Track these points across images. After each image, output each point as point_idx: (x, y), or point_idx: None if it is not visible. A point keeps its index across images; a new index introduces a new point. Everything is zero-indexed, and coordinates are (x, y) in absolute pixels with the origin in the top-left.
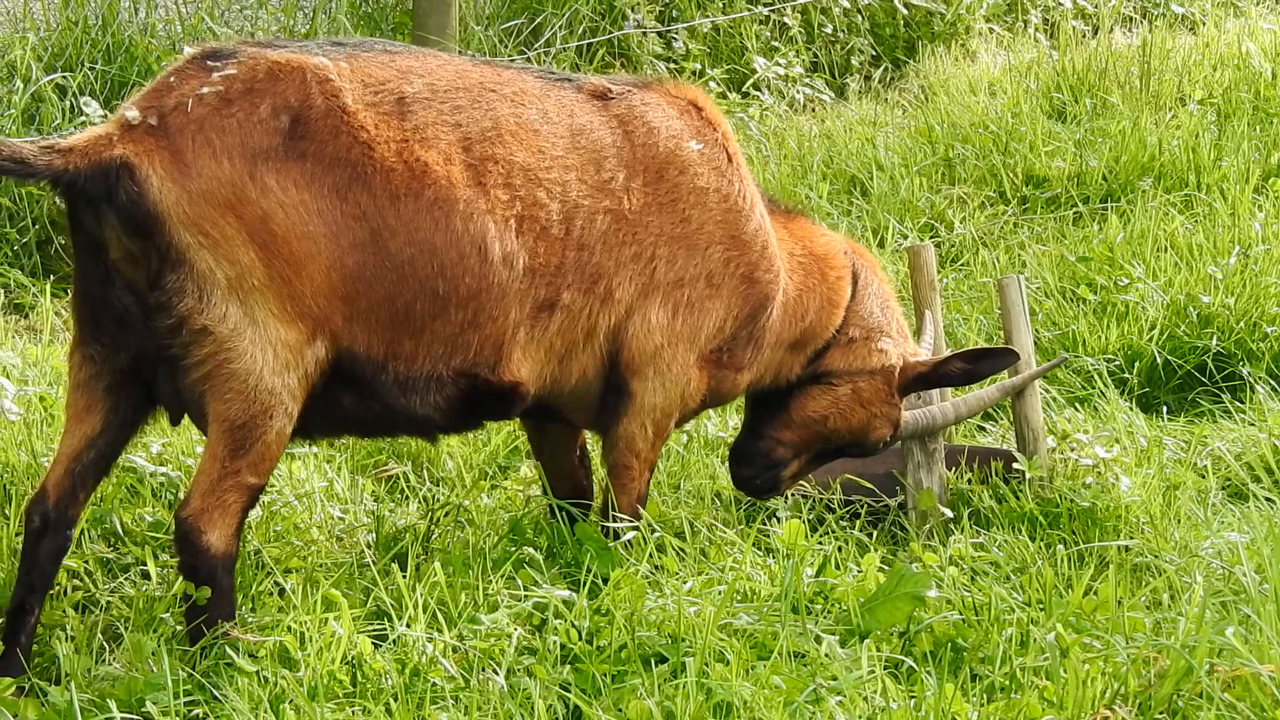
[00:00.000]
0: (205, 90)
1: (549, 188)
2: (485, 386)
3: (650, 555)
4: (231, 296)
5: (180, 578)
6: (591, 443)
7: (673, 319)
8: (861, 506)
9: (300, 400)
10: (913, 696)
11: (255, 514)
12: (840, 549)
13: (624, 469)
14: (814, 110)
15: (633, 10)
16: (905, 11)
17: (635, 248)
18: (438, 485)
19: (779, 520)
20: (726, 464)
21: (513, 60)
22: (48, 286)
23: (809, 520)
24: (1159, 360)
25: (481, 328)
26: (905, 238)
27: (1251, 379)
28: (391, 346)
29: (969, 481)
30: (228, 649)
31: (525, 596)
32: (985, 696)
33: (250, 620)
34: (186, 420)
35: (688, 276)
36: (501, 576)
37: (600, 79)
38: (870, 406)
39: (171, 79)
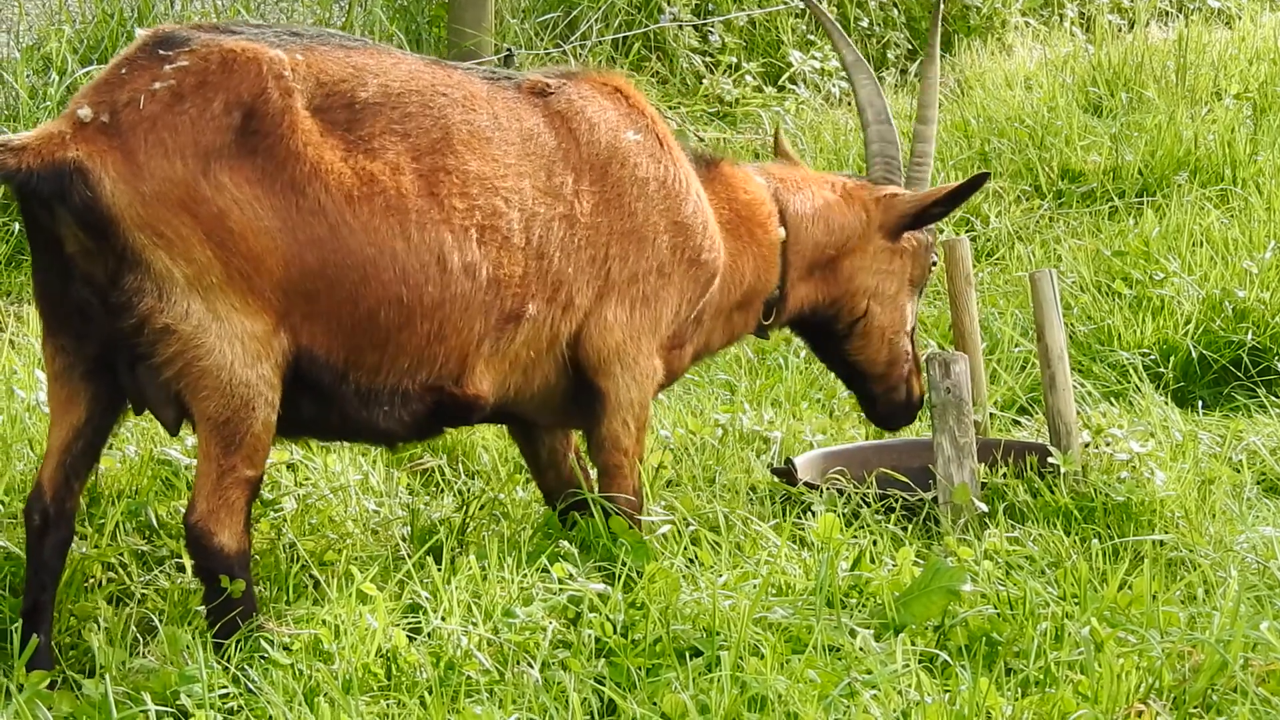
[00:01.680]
0: (158, 85)
1: (506, 196)
2: (450, 400)
3: (685, 549)
4: (192, 294)
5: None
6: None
7: (631, 315)
8: (896, 501)
9: (279, 388)
10: (947, 690)
11: (290, 507)
12: (875, 543)
13: (614, 468)
14: (850, 104)
15: (669, 3)
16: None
17: (591, 251)
18: (473, 478)
19: (814, 514)
20: None
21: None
22: None
23: (844, 514)
24: (1194, 355)
25: (447, 340)
26: (941, 231)
27: None
28: (353, 355)
29: (1003, 476)
30: (262, 642)
31: (560, 590)
32: (1020, 690)
33: (285, 613)
34: None
35: (641, 271)
36: (536, 570)
37: (537, 75)
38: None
39: (123, 70)
